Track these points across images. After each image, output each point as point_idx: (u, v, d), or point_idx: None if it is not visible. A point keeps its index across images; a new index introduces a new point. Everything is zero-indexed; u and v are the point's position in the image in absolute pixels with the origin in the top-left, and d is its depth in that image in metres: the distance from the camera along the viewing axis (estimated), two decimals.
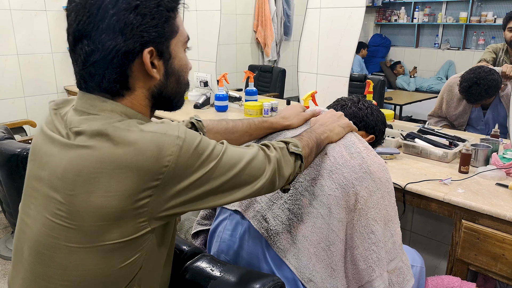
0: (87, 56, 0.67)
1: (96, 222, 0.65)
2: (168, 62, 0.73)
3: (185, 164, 0.66)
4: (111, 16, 0.65)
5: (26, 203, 0.76)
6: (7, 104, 2.98)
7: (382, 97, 3.25)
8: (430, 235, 1.91)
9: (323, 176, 0.96)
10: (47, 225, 0.69)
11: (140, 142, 0.64)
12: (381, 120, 1.22)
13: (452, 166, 1.58)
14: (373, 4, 5.05)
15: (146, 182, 0.64)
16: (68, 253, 0.67)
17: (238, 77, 3.07)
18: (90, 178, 0.64)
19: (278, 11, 3.78)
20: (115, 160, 0.64)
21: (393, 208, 1.01)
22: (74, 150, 0.67)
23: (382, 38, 5.35)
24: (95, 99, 0.70)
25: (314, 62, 2.23)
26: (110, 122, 0.67)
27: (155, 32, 0.68)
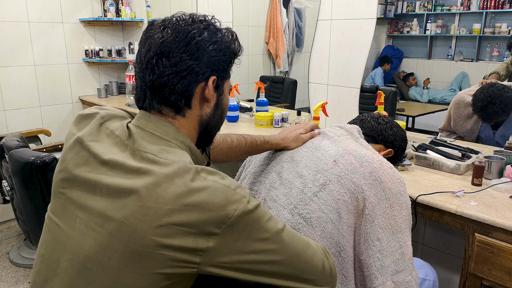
0: (164, 67, 0.75)
1: (154, 250, 0.67)
2: (220, 96, 0.84)
3: (245, 225, 0.70)
4: (195, 43, 0.76)
5: (68, 214, 0.75)
6: (24, 113, 3.04)
7: (394, 108, 3.23)
8: (443, 248, 1.88)
9: (332, 181, 0.97)
10: (101, 243, 0.70)
11: (215, 189, 0.69)
12: (401, 136, 1.25)
13: (465, 179, 1.56)
14: (385, 16, 5.06)
15: (210, 226, 0.68)
16: (117, 275, 0.69)
17: (250, 88, 3.09)
18: (165, 210, 0.67)
19: (290, 23, 3.81)
20: (190, 198, 0.67)
21: (403, 220, 1.00)
22: (149, 177, 0.69)
23: (394, 49, 5.34)
24: (169, 127, 0.78)
25: (325, 73, 2.23)
26: (191, 161, 0.73)
27: (222, 66, 0.80)
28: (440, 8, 5.09)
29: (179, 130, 0.79)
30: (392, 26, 5.47)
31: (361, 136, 1.17)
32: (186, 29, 0.76)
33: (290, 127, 1.23)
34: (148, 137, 0.76)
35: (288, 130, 1.20)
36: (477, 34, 4.45)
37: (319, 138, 1.14)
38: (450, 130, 2.27)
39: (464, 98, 2.15)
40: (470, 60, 4.76)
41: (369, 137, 1.22)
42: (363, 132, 1.20)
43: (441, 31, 5.09)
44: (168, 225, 0.67)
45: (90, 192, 0.73)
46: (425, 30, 5.21)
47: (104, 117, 0.82)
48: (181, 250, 0.67)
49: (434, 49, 5.37)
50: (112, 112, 0.84)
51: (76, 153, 0.78)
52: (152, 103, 0.78)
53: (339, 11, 2.08)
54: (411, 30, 5.33)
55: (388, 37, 5.54)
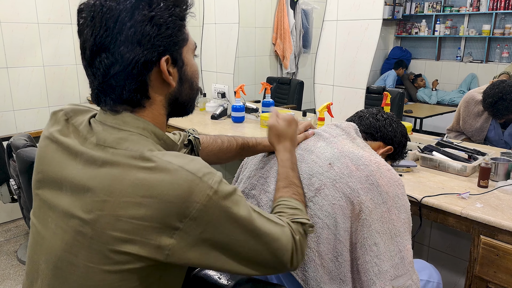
0: (107, 68, 0.68)
1: (116, 246, 0.64)
2: (182, 69, 0.75)
3: (209, 218, 0.66)
4: (129, 28, 0.66)
5: (42, 215, 0.75)
6: (32, 113, 3.08)
7: (401, 110, 3.20)
8: (449, 250, 1.86)
9: (327, 185, 0.95)
10: (67, 241, 0.68)
11: (177, 177, 0.64)
12: (401, 132, 1.21)
13: (471, 180, 1.54)
14: (393, 17, 5.03)
15: (172, 220, 0.64)
16: (86, 273, 0.67)
17: (256, 89, 3.09)
18: (120, 202, 0.64)
19: (297, 24, 3.81)
20: (148, 189, 0.63)
21: (403, 224, 0.98)
22: (106, 168, 0.66)
23: (403, 50, 5.30)
24: (127, 116, 0.71)
25: (330, 74, 2.23)
26: (151, 149, 0.68)
27: (170, 41, 0.70)
28: (449, 9, 5.04)
29: (139, 117, 0.72)
30: (400, 27, 5.43)
31: (358, 134, 1.14)
32: (114, 14, 0.66)
33: None
34: (108, 130, 0.71)
35: None
36: (487, 35, 4.40)
37: (314, 139, 1.10)
38: (458, 130, 2.25)
39: (474, 96, 2.13)
40: (480, 62, 4.71)
41: (368, 134, 1.19)
42: (361, 130, 1.17)
43: (450, 32, 5.05)
44: (127, 219, 0.63)
45: (58, 190, 0.71)
46: (434, 31, 5.17)
47: (68, 113, 0.78)
48: (144, 246, 0.64)
49: (442, 50, 5.32)
50: (77, 107, 0.79)
51: (46, 150, 0.75)
52: (106, 105, 0.72)
53: (345, 12, 2.07)
54: (420, 31, 5.29)
55: (396, 38, 5.50)
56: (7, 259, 2.63)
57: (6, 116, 2.96)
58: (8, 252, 2.71)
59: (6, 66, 2.90)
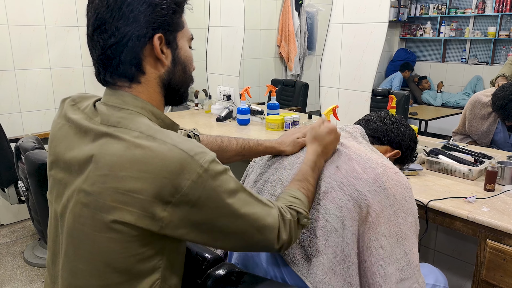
0: (105, 41, 0.75)
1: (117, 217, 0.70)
2: (175, 51, 0.80)
3: (199, 194, 0.70)
4: (127, 6, 0.73)
5: (55, 192, 0.82)
6: (39, 115, 3.10)
7: (406, 112, 3.20)
8: (455, 254, 1.85)
9: (334, 188, 0.95)
10: (76, 213, 0.75)
11: (170, 155, 0.69)
12: (409, 135, 1.19)
13: (477, 184, 1.54)
14: (398, 19, 5.02)
15: (164, 194, 0.69)
16: (94, 241, 0.73)
17: (261, 91, 3.10)
18: (119, 176, 0.69)
19: (302, 26, 3.81)
20: (144, 164, 0.69)
21: (409, 227, 0.98)
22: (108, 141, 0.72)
23: (408, 52, 5.29)
24: (127, 96, 0.77)
25: (336, 77, 2.23)
26: (149, 127, 0.73)
27: (164, 20, 0.76)
28: (454, 11, 5.03)
29: (137, 96, 0.78)
30: (405, 29, 5.42)
31: (365, 138, 1.14)
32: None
33: (289, 131, 1.19)
34: (110, 110, 0.76)
35: (286, 134, 1.17)
36: (492, 37, 4.39)
37: None
38: (464, 133, 2.25)
39: (480, 99, 2.13)
40: (485, 64, 4.70)
41: (374, 138, 1.18)
42: (368, 133, 1.17)
43: (455, 34, 5.03)
44: (125, 192, 0.69)
45: (68, 171, 0.78)
46: (439, 33, 5.15)
47: (75, 99, 0.84)
48: (140, 217, 0.69)
49: (448, 52, 5.30)
50: (83, 94, 0.86)
51: (58, 131, 0.83)
52: (106, 78, 0.78)
53: (351, 15, 2.08)
54: (425, 33, 5.27)
55: (401, 40, 5.49)
56: (13, 260, 2.65)
57: (13, 117, 2.98)
58: (15, 253, 2.73)
59: (14, 69, 2.93)
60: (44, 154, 1.58)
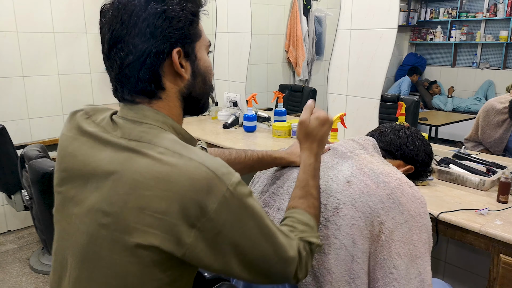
0: (122, 60, 0.72)
1: (140, 239, 0.66)
2: (195, 63, 0.77)
3: (225, 218, 0.67)
4: (142, 21, 0.70)
5: (66, 211, 0.77)
6: (47, 121, 3.12)
7: (416, 119, 3.15)
8: (467, 267, 1.80)
9: (346, 205, 0.92)
10: (93, 235, 0.70)
11: (197, 174, 0.65)
12: (424, 150, 1.13)
13: (489, 195, 1.49)
14: (407, 23, 4.97)
15: (190, 216, 0.65)
16: (111, 264, 0.69)
17: (269, 97, 3.07)
18: (143, 195, 0.65)
19: (310, 31, 3.79)
20: (169, 183, 0.65)
21: (423, 244, 0.94)
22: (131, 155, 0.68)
23: (417, 57, 5.23)
24: (147, 110, 0.74)
25: (344, 84, 2.19)
26: (173, 142, 0.70)
27: (181, 33, 0.73)
28: (465, 14, 4.96)
29: (158, 111, 0.75)
30: (415, 33, 5.36)
31: (377, 151, 1.10)
32: (130, 8, 0.71)
33: (295, 142, 1.12)
34: (130, 123, 0.73)
35: (295, 144, 1.12)
36: (504, 41, 4.32)
37: (330, 155, 1.06)
38: (476, 140, 2.20)
39: (494, 106, 2.09)
40: (497, 68, 4.62)
41: (387, 152, 1.13)
42: (380, 146, 1.12)
43: (466, 38, 4.96)
44: (150, 212, 0.65)
45: (83, 186, 0.73)
46: (449, 37, 5.09)
47: (88, 112, 0.80)
48: (165, 240, 0.65)
49: (458, 57, 5.23)
50: (96, 107, 0.82)
51: (71, 145, 0.77)
52: (124, 95, 0.75)
53: (359, 21, 2.04)
54: (435, 37, 5.21)
55: (410, 45, 5.43)
56: (19, 266, 2.65)
57: (21, 124, 3.00)
58: (21, 260, 2.73)
59: (22, 75, 2.95)
60: (48, 163, 1.57)
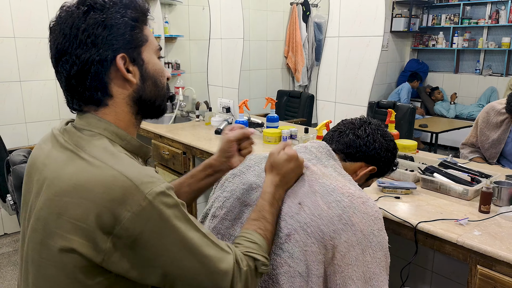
0: (67, 71, 0.73)
1: (61, 243, 0.67)
2: (142, 67, 0.78)
3: (141, 229, 0.66)
4: (82, 32, 0.71)
5: (23, 215, 0.80)
6: (44, 126, 3.15)
7: (412, 126, 3.11)
8: (453, 276, 1.77)
9: (297, 231, 0.88)
10: (29, 238, 0.73)
11: (113, 182, 0.66)
12: (387, 147, 1.07)
13: (473, 205, 1.47)
14: (409, 29, 4.94)
15: (105, 224, 0.65)
16: (39, 266, 0.71)
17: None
18: (63, 201, 0.68)
19: (310, 37, 3.79)
20: (86, 191, 0.66)
21: (378, 264, 0.90)
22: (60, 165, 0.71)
23: (419, 63, 5.20)
24: (91, 117, 0.76)
25: (332, 91, 2.19)
26: (105, 150, 0.71)
27: (123, 39, 0.74)
28: (467, 21, 4.92)
29: (101, 118, 0.76)
30: (416, 40, 5.33)
31: (332, 157, 1.03)
32: (70, 21, 0.72)
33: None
34: (74, 131, 0.75)
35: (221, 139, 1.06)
36: (507, 48, 4.27)
37: None
38: (474, 144, 2.17)
39: (494, 106, 2.08)
40: (499, 75, 4.56)
41: (346, 154, 1.06)
42: (339, 149, 1.06)
43: (469, 45, 4.92)
44: (68, 218, 0.66)
45: (29, 193, 0.77)
46: (452, 43, 5.05)
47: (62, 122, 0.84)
48: (82, 245, 0.66)
49: (461, 63, 5.19)
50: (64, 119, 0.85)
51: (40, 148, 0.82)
52: (74, 105, 0.77)
53: (347, 28, 2.04)
54: (437, 44, 5.18)
55: (412, 51, 5.40)
56: (13, 270, 2.67)
57: (18, 128, 3.04)
58: (15, 263, 2.75)
59: (19, 80, 2.99)
60: None
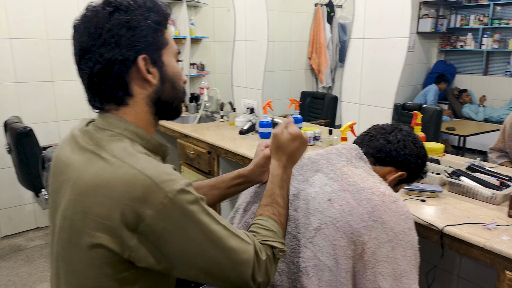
0: (90, 68, 0.76)
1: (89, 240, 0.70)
2: (162, 69, 0.81)
3: (164, 225, 0.69)
4: (107, 32, 0.74)
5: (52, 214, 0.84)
6: (74, 124, 3.26)
7: (439, 129, 3.06)
8: (480, 281, 1.73)
9: (327, 225, 0.89)
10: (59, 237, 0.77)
11: (135, 181, 0.68)
12: (417, 154, 1.07)
13: (501, 209, 1.44)
14: (436, 30, 4.85)
15: (129, 222, 0.68)
16: (68, 263, 0.75)
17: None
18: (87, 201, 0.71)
19: (334, 38, 3.77)
20: (109, 190, 0.69)
21: (408, 262, 0.91)
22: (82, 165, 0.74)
23: (447, 64, 5.08)
24: (111, 118, 0.79)
25: (357, 93, 2.18)
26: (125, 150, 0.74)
27: (146, 41, 0.77)
28: (497, 22, 4.78)
29: (121, 118, 0.78)
30: (444, 40, 5.21)
31: (363, 159, 1.05)
32: (95, 21, 0.75)
33: None
34: (97, 131, 0.78)
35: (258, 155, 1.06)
36: None
37: (311, 170, 1.02)
38: (503, 149, 2.12)
39: None
40: None
41: (376, 158, 1.07)
42: (370, 153, 1.07)
43: (499, 46, 4.78)
44: (93, 217, 0.69)
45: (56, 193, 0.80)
46: (481, 44, 4.92)
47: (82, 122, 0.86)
48: (110, 242, 0.69)
49: (490, 65, 5.04)
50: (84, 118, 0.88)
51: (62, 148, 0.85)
52: (95, 103, 0.80)
53: (372, 30, 2.03)
54: (465, 45, 5.05)
55: (439, 52, 5.28)
56: (45, 262, 2.78)
57: (50, 126, 3.15)
58: (47, 255, 2.86)
59: (52, 80, 3.11)
60: None
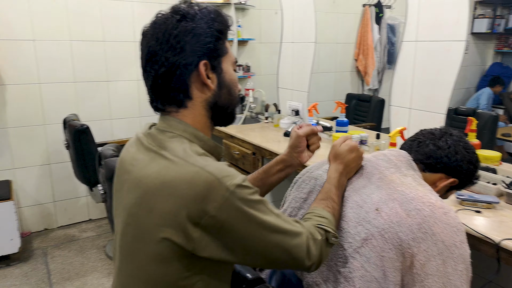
0: (156, 71, 0.81)
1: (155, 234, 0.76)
2: (220, 75, 0.86)
3: (226, 217, 0.74)
4: (174, 37, 0.80)
5: (116, 211, 0.91)
6: (126, 122, 3.42)
7: (494, 135, 2.91)
8: None
9: (375, 235, 0.88)
10: (123, 232, 0.84)
11: (197, 178, 0.73)
12: (469, 160, 1.04)
13: None
14: (492, 30, 4.58)
15: (193, 216, 0.73)
16: (133, 258, 0.81)
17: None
18: (152, 198, 0.76)
19: (382, 39, 3.68)
20: (173, 187, 0.74)
21: (459, 276, 0.88)
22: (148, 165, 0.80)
23: (503, 67, 4.79)
24: (172, 120, 0.84)
25: (407, 97, 2.12)
26: (184, 150, 0.79)
27: (208, 48, 0.82)
28: None
29: (181, 120, 0.84)
30: (501, 42, 4.92)
31: (412, 166, 1.02)
32: (163, 27, 0.81)
33: None
34: (158, 133, 0.84)
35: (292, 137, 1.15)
36: None
37: (358, 177, 1.01)
38: None
39: None
40: None
41: (426, 165, 1.04)
42: (419, 159, 1.04)
43: None
44: (159, 214, 0.75)
45: (120, 191, 0.87)
46: None
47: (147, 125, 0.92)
48: (175, 235, 0.74)
49: None
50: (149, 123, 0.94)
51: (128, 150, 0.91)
52: (157, 105, 0.86)
53: (425, 32, 1.97)
54: None
55: (495, 54, 5.00)
56: (97, 253, 2.94)
57: (104, 124, 3.33)
58: (98, 247, 3.02)
59: (107, 80, 3.27)
60: None
